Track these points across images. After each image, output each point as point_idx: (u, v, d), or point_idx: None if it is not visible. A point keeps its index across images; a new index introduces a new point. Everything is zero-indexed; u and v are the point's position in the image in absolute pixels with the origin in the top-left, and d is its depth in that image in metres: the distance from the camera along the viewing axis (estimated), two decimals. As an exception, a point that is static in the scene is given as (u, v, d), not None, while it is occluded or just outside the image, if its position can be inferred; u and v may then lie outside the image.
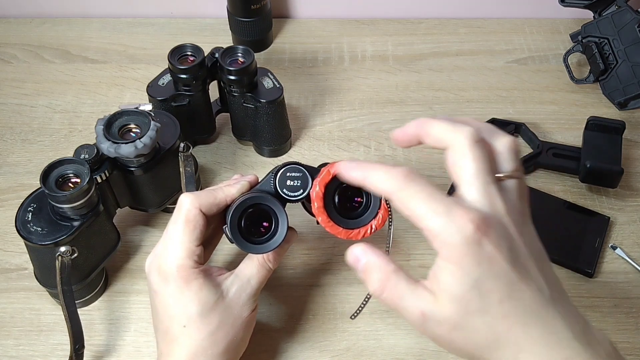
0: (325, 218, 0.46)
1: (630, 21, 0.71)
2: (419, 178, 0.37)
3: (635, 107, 0.75)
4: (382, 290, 0.38)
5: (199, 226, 0.48)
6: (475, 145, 0.37)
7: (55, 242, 0.50)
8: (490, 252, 0.34)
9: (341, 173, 0.41)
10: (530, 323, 0.35)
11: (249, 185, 0.51)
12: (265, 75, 0.66)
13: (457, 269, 0.34)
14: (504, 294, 0.35)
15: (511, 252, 0.35)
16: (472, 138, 0.37)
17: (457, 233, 0.34)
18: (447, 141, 0.38)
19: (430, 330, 0.37)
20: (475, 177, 0.36)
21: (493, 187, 0.37)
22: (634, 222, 0.65)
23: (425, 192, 0.36)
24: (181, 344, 0.46)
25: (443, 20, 0.88)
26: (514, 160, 0.39)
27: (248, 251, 0.47)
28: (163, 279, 0.47)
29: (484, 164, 0.37)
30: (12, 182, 0.68)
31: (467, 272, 0.34)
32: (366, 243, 0.39)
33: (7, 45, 0.84)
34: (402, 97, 0.77)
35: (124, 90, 0.78)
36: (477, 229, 0.34)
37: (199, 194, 0.49)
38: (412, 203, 0.36)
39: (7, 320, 0.57)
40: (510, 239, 0.36)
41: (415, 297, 0.36)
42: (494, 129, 0.40)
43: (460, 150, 0.37)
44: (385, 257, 0.39)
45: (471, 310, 0.35)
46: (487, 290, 0.34)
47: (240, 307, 0.48)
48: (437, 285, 0.36)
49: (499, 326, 0.35)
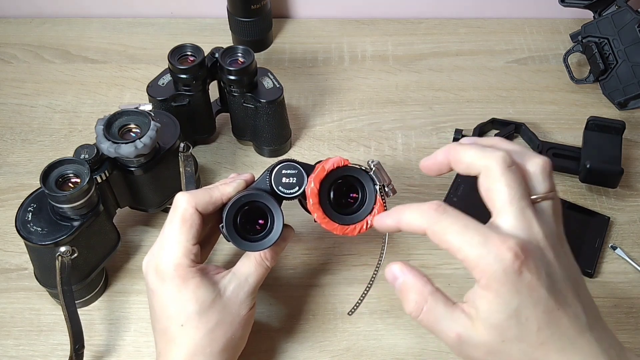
0: (321, 214, 0.46)
1: (630, 21, 0.71)
2: (450, 210, 0.37)
3: (635, 107, 0.75)
4: (418, 312, 0.38)
5: (195, 225, 0.48)
6: (508, 170, 0.37)
7: (55, 242, 0.50)
8: (529, 280, 0.34)
9: (377, 226, 0.43)
10: (567, 349, 0.35)
11: (245, 184, 0.51)
12: (265, 75, 0.66)
13: (496, 298, 0.35)
14: (542, 322, 0.35)
15: (549, 278, 0.35)
16: (505, 163, 0.37)
17: (496, 262, 0.34)
18: (479, 167, 0.38)
19: (465, 352, 0.37)
20: (510, 203, 0.36)
21: (529, 211, 0.37)
22: (634, 222, 0.65)
23: (459, 223, 0.36)
24: (179, 343, 0.46)
25: (443, 20, 0.88)
26: (547, 180, 0.39)
27: (244, 249, 0.47)
28: (160, 278, 0.47)
29: (518, 189, 0.37)
30: (12, 182, 0.68)
31: (506, 301, 0.34)
32: (405, 262, 0.40)
33: (7, 45, 0.84)
34: (402, 97, 0.77)
35: (124, 90, 0.78)
36: (516, 257, 0.34)
37: (195, 192, 0.49)
38: (448, 236, 0.36)
39: (7, 320, 0.57)
40: (548, 265, 0.36)
41: (452, 320, 0.37)
42: (525, 150, 0.40)
43: (493, 176, 0.37)
44: (422, 278, 0.39)
45: (508, 338, 0.35)
46: (525, 319, 0.35)
47: (238, 306, 0.48)
48: (474, 311, 0.36)
49: (535, 353, 0.35)
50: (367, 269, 0.61)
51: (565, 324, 0.35)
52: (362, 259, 0.61)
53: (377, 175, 0.47)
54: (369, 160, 0.47)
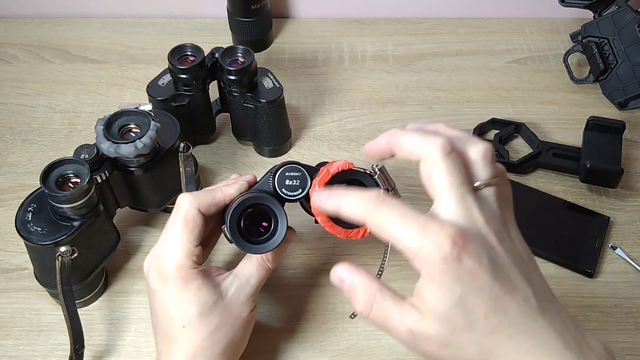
0: (325, 217, 0.46)
1: (630, 21, 0.71)
2: (389, 200, 0.36)
3: (635, 107, 0.75)
4: (368, 311, 0.37)
5: (197, 226, 0.47)
6: (448, 157, 0.36)
7: (55, 242, 0.50)
8: (470, 267, 0.34)
9: (316, 205, 0.42)
10: (518, 336, 0.34)
11: (247, 185, 0.51)
12: (265, 75, 0.66)
13: (439, 287, 0.34)
14: (489, 308, 0.34)
15: (493, 263, 0.34)
16: (444, 149, 0.36)
17: (435, 251, 0.33)
18: (419, 153, 0.37)
19: (419, 348, 0.36)
20: (450, 190, 0.36)
21: (469, 198, 0.36)
22: (634, 222, 0.65)
23: (398, 212, 0.35)
24: (180, 345, 0.46)
25: (443, 20, 0.88)
26: (489, 167, 0.38)
27: (247, 251, 0.47)
28: (162, 279, 0.47)
29: (458, 175, 0.36)
30: (12, 182, 0.68)
31: (449, 290, 0.34)
32: (349, 262, 0.39)
33: (7, 45, 0.84)
34: (402, 97, 0.77)
35: (124, 90, 0.78)
36: (455, 244, 0.33)
37: (198, 194, 0.49)
38: (386, 225, 0.35)
39: (7, 320, 0.57)
40: (491, 250, 0.35)
41: (401, 315, 0.36)
42: (468, 136, 0.39)
43: (433, 162, 0.36)
44: (368, 277, 0.38)
45: (458, 328, 0.34)
46: (472, 306, 0.34)
47: (240, 307, 0.48)
48: (422, 303, 0.35)
49: (487, 342, 0.34)
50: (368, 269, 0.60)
51: (514, 309, 0.34)
52: (362, 259, 0.61)
53: (381, 179, 0.47)
54: (373, 164, 0.47)
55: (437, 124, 0.40)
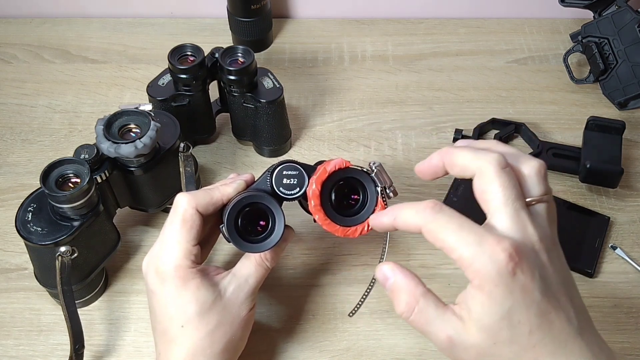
0: (322, 216, 0.46)
1: (630, 21, 0.71)
2: (446, 209, 0.37)
3: (635, 107, 0.75)
4: (409, 314, 0.38)
5: (195, 226, 0.48)
6: (502, 172, 0.37)
7: (55, 242, 0.50)
8: (522, 282, 0.34)
9: (374, 224, 0.44)
10: (558, 353, 0.35)
11: (245, 184, 0.51)
12: (265, 75, 0.66)
13: (489, 299, 0.34)
14: (534, 325, 0.35)
15: (543, 281, 0.35)
16: (499, 165, 0.37)
17: (490, 263, 0.34)
18: (473, 169, 0.38)
19: (456, 355, 0.37)
20: (505, 204, 0.36)
21: (523, 213, 0.36)
22: (634, 222, 0.65)
23: (455, 222, 0.36)
24: (179, 344, 0.46)
25: (443, 20, 0.88)
26: (542, 183, 0.38)
27: (245, 250, 0.47)
28: (160, 279, 0.47)
29: (512, 190, 0.37)
30: (12, 182, 0.68)
31: (499, 303, 0.34)
32: (395, 262, 0.40)
33: (7, 45, 0.84)
34: (402, 97, 0.77)
35: (124, 90, 0.78)
36: (510, 259, 0.34)
37: (196, 193, 0.49)
38: (443, 234, 0.36)
39: (7, 320, 0.57)
40: (542, 268, 0.36)
41: (443, 322, 0.37)
42: (519, 152, 0.40)
43: (488, 178, 0.37)
44: (414, 279, 0.39)
45: (500, 340, 0.35)
46: (518, 321, 0.34)
47: (238, 306, 0.48)
48: (466, 312, 0.36)
49: (526, 356, 0.35)
50: (367, 269, 0.61)
51: (558, 327, 0.35)
52: (362, 259, 0.61)
53: (378, 177, 0.47)
54: (371, 162, 0.47)
55: (488, 140, 0.42)
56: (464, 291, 0.36)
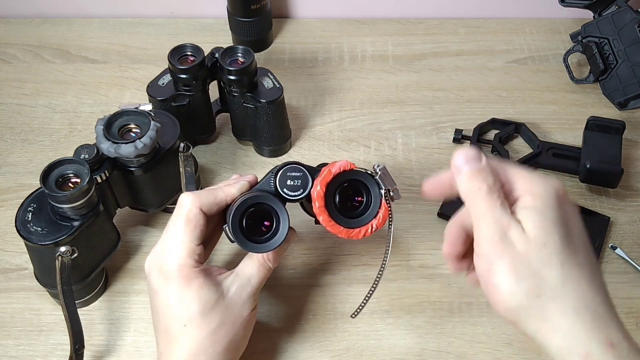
0: (327, 217, 0.46)
1: (630, 21, 0.71)
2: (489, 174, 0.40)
3: (635, 107, 0.75)
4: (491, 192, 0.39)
5: (199, 225, 0.48)
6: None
7: (55, 242, 0.50)
8: (567, 209, 0.40)
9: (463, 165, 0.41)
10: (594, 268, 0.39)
11: (248, 185, 0.51)
12: (265, 75, 0.66)
13: (545, 206, 0.39)
14: (578, 241, 0.39)
15: (577, 218, 0.40)
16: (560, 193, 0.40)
17: (552, 189, 0.39)
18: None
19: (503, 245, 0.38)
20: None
21: None
22: (634, 222, 0.65)
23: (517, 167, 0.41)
24: (182, 344, 0.46)
25: (443, 20, 0.88)
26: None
27: (249, 250, 0.47)
28: (164, 278, 0.47)
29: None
30: (12, 182, 0.68)
31: (552, 210, 0.39)
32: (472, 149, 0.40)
33: (7, 45, 0.84)
34: (402, 97, 0.77)
35: (124, 90, 0.78)
36: (564, 193, 0.40)
37: (200, 193, 0.49)
38: (511, 171, 0.40)
39: (7, 320, 0.57)
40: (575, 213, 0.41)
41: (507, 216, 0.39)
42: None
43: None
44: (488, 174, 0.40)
45: (550, 245, 0.38)
46: (567, 228, 0.39)
47: (241, 306, 0.48)
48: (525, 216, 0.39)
49: (570, 269, 0.38)
50: (367, 269, 0.61)
51: (589, 255, 0.40)
52: (362, 259, 0.61)
53: (382, 179, 0.47)
54: (375, 164, 0.47)
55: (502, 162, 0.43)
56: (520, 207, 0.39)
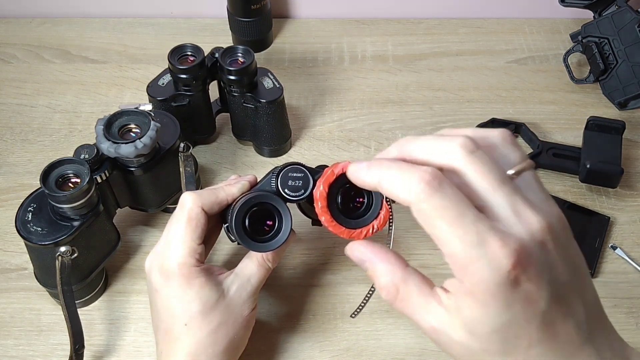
0: (329, 217, 0.46)
1: (630, 21, 0.71)
2: (446, 186, 0.30)
3: (635, 107, 0.75)
4: (392, 301, 0.34)
5: (201, 225, 0.48)
6: (474, 157, 0.31)
7: (55, 242, 0.50)
8: (527, 292, 0.29)
9: (352, 176, 0.36)
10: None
11: (249, 185, 0.51)
12: (265, 75, 0.66)
13: (482, 309, 0.30)
14: (535, 339, 0.30)
15: (552, 285, 0.30)
16: (467, 148, 0.31)
17: (489, 271, 0.29)
18: (439, 162, 0.32)
19: (442, 346, 0.33)
20: (493, 193, 0.30)
21: (518, 198, 0.30)
22: (634, 222, 0.65)
23: (453, 210, 0.29)
24: (182, 343, 0.46)
25: (443, 20, 0.88)
26: (516, 149, 0.33)
27: (252, 249, 0.47)
28: (165, 277, 0.47)
29: (496, 174, 0.31)
30: (12, 182, 0.68)
31: (493, 315, 0.30)
32: (368, 241, 0.37)
33: (7, 45, 0.84)
34: (402, 97, 0.77)
35: (124, 90, 0.78)
36: (515, 266, 0.28)
37: (201, 192, 0.49)
38: (436, 221, 0.30)
39: (7, 320, 0.57)
40: (552, 267, 0.30)
41: (427, 312, 0.32)
42: (479, 130, 0.34)
43: (462, 170, 0.31)
44: (391, 260, 0.35)
45: (491, 350, 0.31)
46: (514, 336, 0.30)
47: (241, 306, 0.48)
48: (454, 307, 0.31)
49: None
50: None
51: (564, 338, 0.30)
52: (362, 259, 0.61)
53: None
54: None
55: (442, 131, 0.35)
56: (453, 282, 0.31)
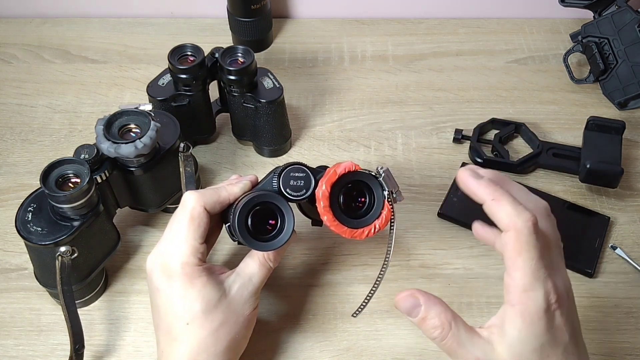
0: (331, 217, 0.46)
1: (630, 21, 0.71)
2: (541, 233, 0.39)
3: (635, 107, 0.75)
4: (443, 339, 0.39)
5: (203, 224, 0.48)
6: (537, 236, 0.39)
7: (55, 242, 0.50)
8: (559, 323, 0.38)
9: (463, 182, 0.42)
10: None
11: (251, 185, 0.51)
12: (265, 75, 0.66)
13: (529, 328, 0.38)
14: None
15: (572, 325, 0.39)
16: (534, 227, 0.39)
17: (543, 299, 0.38)
18: (509, 226, 0.39)
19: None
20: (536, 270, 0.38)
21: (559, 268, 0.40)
22: (634, 222, 0.65)
23: (539, 250, 0.38)
24: (184, 342, 0.46)
25: (443, 20, 0.88)
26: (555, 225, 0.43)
27: (255, 248, 0.47)
28: (167, 276, 0.47)
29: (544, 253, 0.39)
30: (12, 182, 0.68)
31: (537, 335, 0.38)
32: (417, 290, 0.41)
33: (7, 45, 0.84)
34: (402, 97, 0.77)
35: (124, 90, 0.78)
36: (556, 300, 0.38)
37: (204, 192, 0.49)
38: (524, 253, 0.38)
39: (7, 320, 0.57)
40: (572, 314, 0.40)
41: (473, 345, 0.39)
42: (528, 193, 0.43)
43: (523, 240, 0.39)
44: (442, 303, 0.40)
45: None
46: (547, 355, 0.38)
47: (242, 305, 0.48)
48: (498, 336, 0.39)
49: None
50: (367, 269, 0.61)
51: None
52: (362, 259, 0.61)
53: (386, 181, 0.47)
54: (378, 166, 0.48)
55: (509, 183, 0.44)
56: (501, 313, 0.39)
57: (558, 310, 0.38)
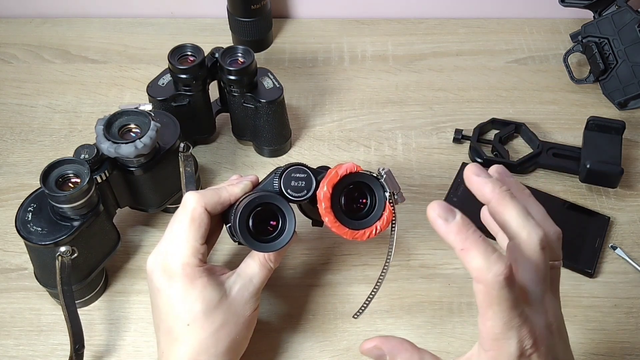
0: (332, 218, 0.46)
1: (630, 21, 0.71)
2: (514, 285, 0.36)
3: (635, 107, 0.75)
4: None
5: (204, 225, 0.48)
6: (542, 252, 0.38)
7: (55, 242, 0.50)
8: None
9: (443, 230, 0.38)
10: None
11: (251, 185, 0.51)
12: (265, 75, 0.66)
13: None
14: None
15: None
16: (541, 242, 0.38)
17: (517, 347, 0.35)
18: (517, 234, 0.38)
19: None
20: (536, 284, 0.37)
21: (548, 296, 0.38)
22: (634, 222, 0.65)
23: (511, 302, 0.35)
24: (184, 343, 0.46)
25: (443, 20, 0.88)
26: (560, 248, 0.40)
27: (256, 249, 0.47)
28: (168, 277, 0.47)
29: (545, 272, 0.38)
30: (12, 182, 0.68)
31: None
32: (380, 337, 0.39)
33: (7, 45, 0.84)
34: (402, 97, 0.77)
35: (124, 90, 0.78)
36: (534, 344, 0.35)
37: (204, 192, 0.49)
38: (494, 306, 0.36)
39: (7, 320, 0.57)
40: (555, 348, 0.37)
41: None
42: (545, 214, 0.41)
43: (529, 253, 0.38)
44: (407, 350, 0.40)
45: None
46: None
47: (243, 306, 0.48)
48: None
49: None
50: (367, 269, 0.61)
51: None
52: (362, 259, 0.61)
53: (387, 182, 0.47)
54: (380, 167, 0.48)
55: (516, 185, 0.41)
56: (473, 352, 0.37)
57: (535, 353, 0.35)
